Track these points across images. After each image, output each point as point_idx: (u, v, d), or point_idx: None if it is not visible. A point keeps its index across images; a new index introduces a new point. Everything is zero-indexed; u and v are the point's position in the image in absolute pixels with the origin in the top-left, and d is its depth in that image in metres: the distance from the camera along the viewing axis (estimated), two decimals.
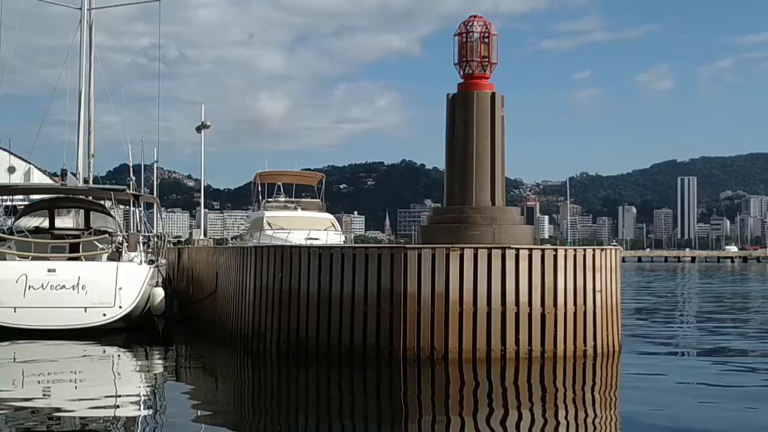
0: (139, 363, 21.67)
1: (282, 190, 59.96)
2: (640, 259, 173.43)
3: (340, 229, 53.13)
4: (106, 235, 27.47)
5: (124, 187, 31.73)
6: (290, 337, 19.96)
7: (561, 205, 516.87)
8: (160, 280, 27.09)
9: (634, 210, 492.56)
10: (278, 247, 21.47)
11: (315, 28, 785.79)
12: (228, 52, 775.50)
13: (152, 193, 59.81)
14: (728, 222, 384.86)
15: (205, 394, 17.22)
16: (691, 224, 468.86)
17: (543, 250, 19.21)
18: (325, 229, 50.83)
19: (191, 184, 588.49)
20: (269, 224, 52.22)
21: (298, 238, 46.27)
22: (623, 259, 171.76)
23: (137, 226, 31.46)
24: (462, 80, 21.67)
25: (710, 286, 67.20)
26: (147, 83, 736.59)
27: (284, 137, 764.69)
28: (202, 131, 45.66)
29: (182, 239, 64.98)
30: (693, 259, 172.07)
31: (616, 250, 21.18)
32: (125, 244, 25.96)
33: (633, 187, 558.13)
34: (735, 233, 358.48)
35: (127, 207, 41.97)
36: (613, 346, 20.35)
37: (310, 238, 46.76)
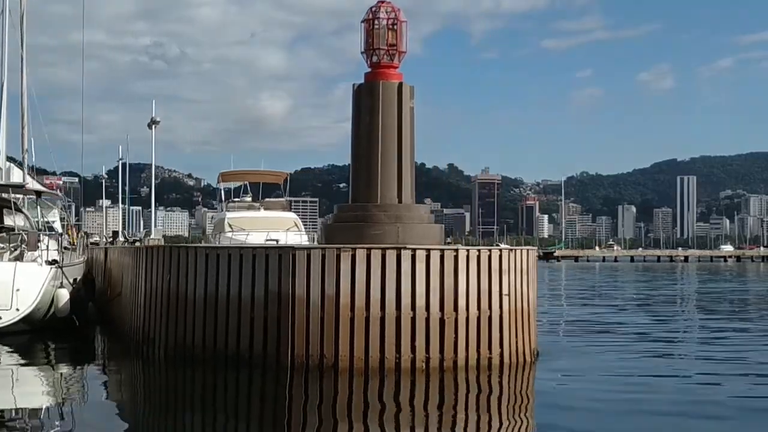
0: (28, 368, 20.40)
1: (249, 189, 58.89)
2: (632, 259, 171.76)
3: (302, 229, 52.01)
4: (4, 234, 26.15)
5: (23, 183, 30.27)
6: (177, 341, 18.75)
7: (560, 205, 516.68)
8: (72, 280, 25.77)
9: (634, 209, 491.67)
10: (167, 247, 20.24)
11: (316, 28, 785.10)
12: (229, 51, 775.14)
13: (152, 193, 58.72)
14: (728, 221, 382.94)
15: (81, 402, 16.15)
16: (691, 223, 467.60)
17: (442, 250, 17.89)
18: (287, 230, 49.73)
19: (191, 183, 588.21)
20: (230, 226, 51.15)
21: (257, 239, 45.32)
22: (615, 259, 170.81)
23: (38, 225, 30.01)
24: (369, 69, 20.31)
25: (680, 286, 65.85)
26: (148, 82, 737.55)
27: (285, 137, 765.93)
28: (153, 127, 44.16)
29: (139, 238, 63.63)
30: (686, 259, 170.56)
31: (529, 250, 19.83)
32: (24, 244, 24.62)
33: (633, 187, 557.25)
34: (734, 232, 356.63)
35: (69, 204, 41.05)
36: (525, 355, 19.00)
37: (270, 239, 45.83)
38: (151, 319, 19.65)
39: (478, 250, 18.37)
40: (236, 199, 56.24)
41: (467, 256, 18.03)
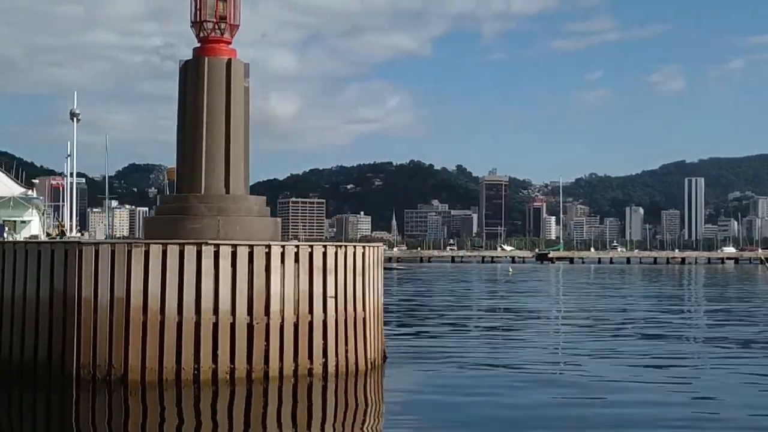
0: None
1: None
2: (628, 261, 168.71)
3: None
4: None
5: None
6: None
7: (568, 206, 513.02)
8: None
9: (642, 211, 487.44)
10: None
11: (325, 29, 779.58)
12: (238, 52, 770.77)
13: (162, 192, 57.12)
14: (736, 223, 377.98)
15: None
16: (699, 225, 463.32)
17: (251, 246, 15.78)
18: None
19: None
20: None
21: None
22: (610, 261, 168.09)
23: None
24: (198, 44, 18.14)
25: (634, 289, 63.53)
26: (158, 82, 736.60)
27: (294, 137, 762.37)
28: (74, 120, 42.19)
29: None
30: (683, 261, 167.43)
31: (372, 248, 17.64)
32: None
33: (642, 188, 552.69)
34: (742, 234, 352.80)
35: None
36: (358, 365, 16.83)
37: None
38: None
39: (297, 247, 16.26)
40: None
41: (282, 254, 15.92)
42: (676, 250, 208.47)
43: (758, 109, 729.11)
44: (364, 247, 17.27)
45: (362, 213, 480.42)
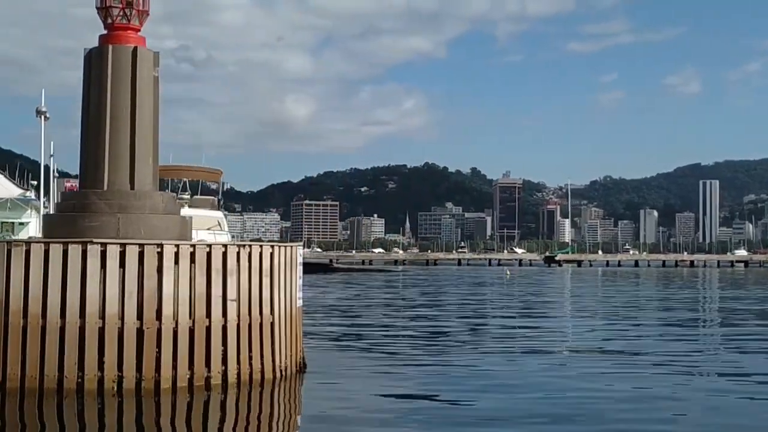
0: None
1: (188, 186, 56.20)
2: (636, 263, 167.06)
3: (226, 229, 49.23)
4: None
5: None
6: None
7: (583, 209, 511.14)
8: None
9: (656, 214, 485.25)
10: None
11: (340, 31, 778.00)
12: (254, 54, 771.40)
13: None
14: (751, 226, 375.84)
15: None
16: (713, 228, 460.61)
17: (142, 245, 14.69)
18: (209, 228, 47.04)
19: (214, 186, 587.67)
20: None
21: None
22: (618, 263, 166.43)
23: None
24: (105, 32, 17.07)
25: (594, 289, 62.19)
26: (173, 85, 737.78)
27: (308, 139, 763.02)
28: (41, 118, 41.23)
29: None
30: (691, 263, 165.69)
31: (287, 248, 16.52)
32: None
33: (656, 191, 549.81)
34: (757, 237, 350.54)
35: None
36: (264, 374, 15.68)
37: None
38: None
39: (193, 246, 15.15)
40: None
41: (176, 254, 14.82)
42: (685, 253, 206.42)
43: None
44: (272, 246, 16.15)
45: (376, 215, 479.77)
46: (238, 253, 15.39)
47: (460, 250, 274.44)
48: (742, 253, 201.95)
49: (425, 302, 44.08)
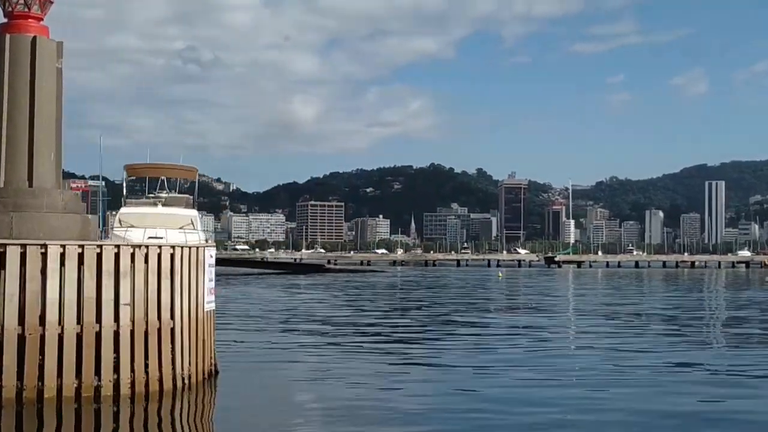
0: None
1: (165, 185, 55.48)
2: (637, 264, 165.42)
3: (199, 227, 48.42)
4: None
5: None
6: None
7: (588, 210, 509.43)
8: None
9: (661, 214, 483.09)
10: None
11: (348, 32, 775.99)
12: (261, 55, 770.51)
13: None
14: (757, 227, 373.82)
15: None
16: (719, 229, 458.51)
17: (24, 246, 13.82)
18: (182, 227, 46.20)
19: (220, 187, 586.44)
20: (120, 222, 47.71)
21: (139, 236, 42.09)
22: (618, 264, 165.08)
23: None
24: (6, 20, 16.21)
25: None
26: (181, 86, 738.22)
27: (316, 141, 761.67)
28: None
29: None
30: (692, 264, 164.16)
31: (182, 248, 15.59)
32: None
33: (662, 192, 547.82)
34: (763, 238, 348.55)
35: None
36: (162, 381, 14.80)
37: (152, 237, 42.61)
38: None
39: (81, 247, 14.25)
40: (139, 196, 52.69)
41: (62, 255, 13.93)
42: (686, 254, 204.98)
43: None
44: (173, 247, 15.25)
45: (381, 216, 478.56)
46: (133, 255, 14.53)
47: (463, 250, 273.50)
48: (745, 254, 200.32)
49: (386, 307, 42.13)
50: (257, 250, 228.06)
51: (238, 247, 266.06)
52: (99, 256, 14.19)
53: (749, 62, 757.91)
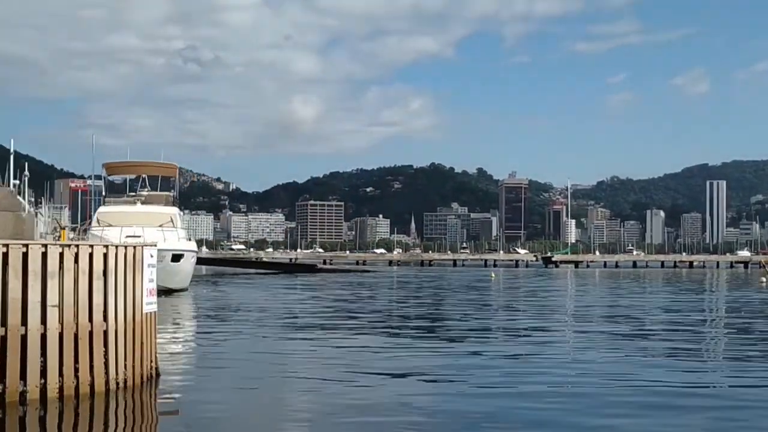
0: None
1: (147, 182, 55.16)
2: (635, 264, 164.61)
3: (178, 225, 47.88)
4: None
5: None
6: None
7: (590, 209, 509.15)
8: None
9: (662, 214, 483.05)
10: None
11: (348, 31, 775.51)
12: (261, 55, 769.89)
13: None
14: (758, 226, 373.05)
15: None
16: (721, 228, 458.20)
17: None
18: (160, 225, 45.67)
19: (220, 187, 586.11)
20: (98, 221, 47.15)
21: (115, 235, 41.51)
22: (616, 264, 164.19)
23: None
24: None
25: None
26: (181, 86, 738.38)
27: (316, 140, 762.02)
28: None
29: None
30: (690, 264, 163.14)
31: (116, 248, 14.76)
32: None
33: (664, 191, 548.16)
34: (764, 238, 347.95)
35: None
36: (93, 386, 13.88)
37: (130, 236, 42.05)
38: None
39: (6, 246, 13.37)
40: (116, 194, 52.25)
41: None
42: (684, 254, 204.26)
43: None
44: (106, 247, 14.44)
45: (381, 216, 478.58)
46: (62, 254, 13.69)
47: (462, 250, 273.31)
48: (745, 254, 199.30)
49: (355, 307, 40.48)
50: (252, 250, 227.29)
51: (234, 247, 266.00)
52: (25, 255, 13.38)
53: (750, 62, 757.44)
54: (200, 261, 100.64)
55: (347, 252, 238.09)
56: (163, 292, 43.08)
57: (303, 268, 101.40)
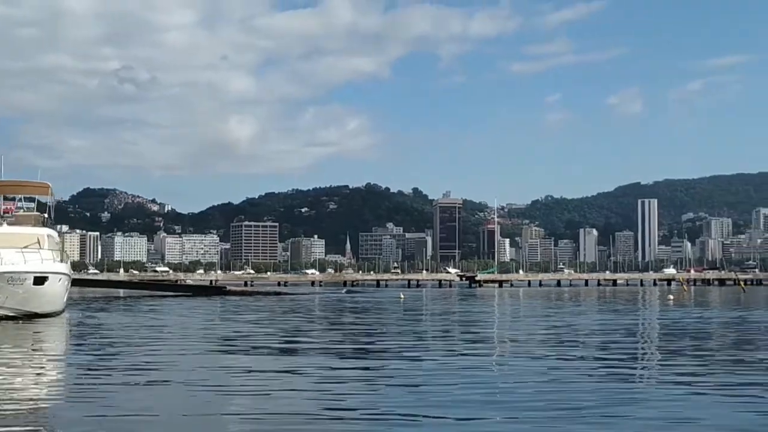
0: None
1: (23, 202, 52.71)
2: (559, 283, 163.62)
3: (46, 246, 44.87)
4: None
5: None
6: None
7: (524, 228, 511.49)
8: None
9: (595, 232, 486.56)
10: None
11: (285, 51, 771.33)
12: (197, 75, 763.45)
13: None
14: (689, 244, 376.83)
15: None
16: (653, 246, 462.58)
17: None
18: (25, 247, 42.56)
19: (155, 208, 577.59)
20: None
21: None
22: (539, 284, 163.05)
23: None
24: None
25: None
26: (117, 107, 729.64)
27: (253, 161, 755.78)
28: None
29: None
30: (614, 282, 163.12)
31: None
32: None
33: (597, 210, 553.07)
34: (695, 255, 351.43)
35: None
36: None
37: None
38: None
39: None
40: None
41: None
42: (608, 272, 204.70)
43: (714, 131, 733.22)
44: None
45: (316, 236, 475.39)
46: None
47: (394, 270, 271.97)
48: (671, 271, 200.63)
49: (235, 331, 37.58)
50: (173, 272, 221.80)
51: (157, 269, 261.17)
52: None
53: (682, 82, 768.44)
54: (86, 283, 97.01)
55: (268, 273, 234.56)
56: (29, 316, 39.96)
57: (212, 290, 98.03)
